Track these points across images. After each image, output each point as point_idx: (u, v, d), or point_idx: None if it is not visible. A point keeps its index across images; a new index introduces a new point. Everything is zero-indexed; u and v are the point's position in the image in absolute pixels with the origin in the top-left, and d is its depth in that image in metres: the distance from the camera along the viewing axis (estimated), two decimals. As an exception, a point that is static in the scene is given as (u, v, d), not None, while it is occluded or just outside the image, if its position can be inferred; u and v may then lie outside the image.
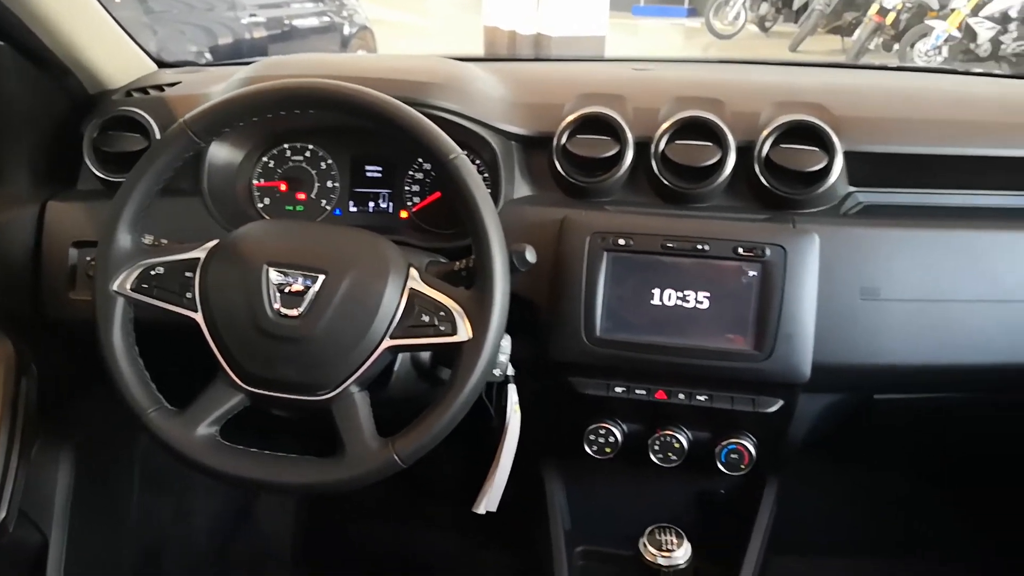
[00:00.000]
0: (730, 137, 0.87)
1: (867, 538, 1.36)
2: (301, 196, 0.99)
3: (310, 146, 0.98)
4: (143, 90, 1.02)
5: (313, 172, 0.99)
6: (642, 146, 0.88)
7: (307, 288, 0.71)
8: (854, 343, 0.84)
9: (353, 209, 0.99)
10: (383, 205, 0.99)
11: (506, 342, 0.77)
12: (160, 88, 1.01)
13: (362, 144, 0.97)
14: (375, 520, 1.45)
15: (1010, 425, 1.09)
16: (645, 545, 0.80)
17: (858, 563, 1.35)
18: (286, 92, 0.74)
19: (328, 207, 0.99)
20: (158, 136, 0.92)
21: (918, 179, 0.94)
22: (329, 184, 0.99)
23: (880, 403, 0.94)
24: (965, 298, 0.86)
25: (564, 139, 0.89)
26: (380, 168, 0.98)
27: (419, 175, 0.97)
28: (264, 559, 1.42)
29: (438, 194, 0.97)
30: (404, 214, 0.98)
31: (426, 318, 0.71)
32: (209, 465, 0.72)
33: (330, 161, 0.98)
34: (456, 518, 1.41)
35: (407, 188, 0.98)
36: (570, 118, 0.89)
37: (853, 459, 1.26)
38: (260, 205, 0.99)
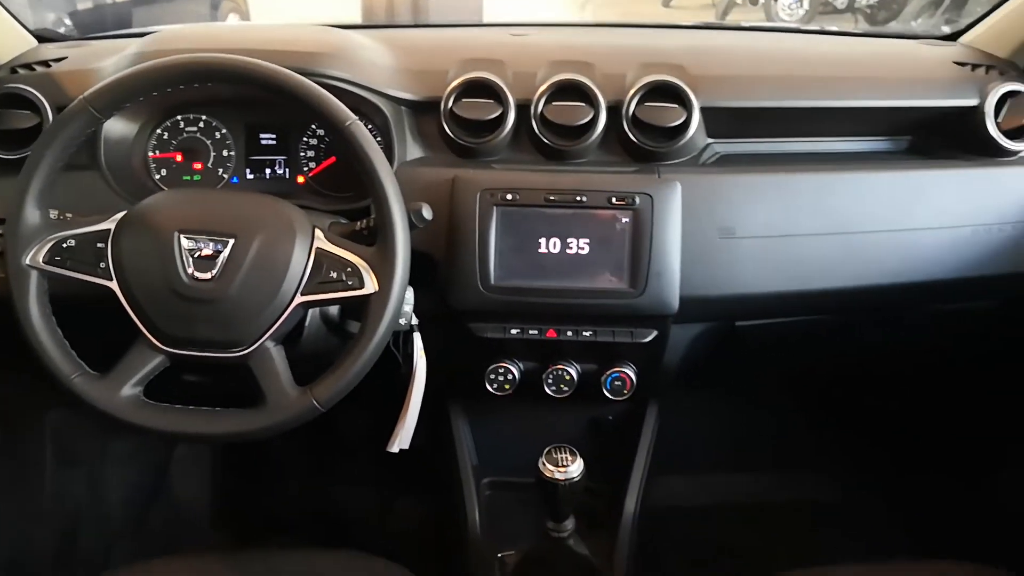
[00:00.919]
0: (600, 97, 0.95)
1: (739, 455, 1.52)
2: (197, 166, 1.02)
3: (204, 116, 1.01)
4: (28, 66, 1.01)
5: (208, 142, 1.02)
6: (523, 108, 0.96)
7: (218, 252, 0.76)
8: (715, 277, 0.95)
9: (250, 176, 1.03)
10: (280, 171, 1.03)
11: (409, 294, 0.84)
12: (46, 64, 1.01)
13: (255, 112, 1.01)
14: (291, 481, 1.50)
15: (856, 343, 1.25)
16: (543, 464, 0.89)
17: (731, 478, 1.51)
18: (191, 67, 0.78)
19: (225, 175, 1.02)
20: (50, 113, 0.92)
21: (767, 129, 1.06)
22: (225, 153, 1.02)
23: (742, 329, 1.07)
24: (810, 232, 0.98)
25: (451, 103, 0.95)
26: (274, 135, 1.02)
27: (313, 141, 1.02)
28: (182, 527, 1.45)
29: (333, 159, 1.02)
30: (301, 179, 1.03)
31: (334, 274, 0.77)
32: (136, 423, 0.77)
33: (224, 130, 1.02)
34: (370, 472, 1.49)
35: (302, 154, 1.02)
36: (455, 83, 0.96)
37: (725, 384, 1.41)
38: (157, 177, 1.01)
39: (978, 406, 1.32)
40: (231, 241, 0.76)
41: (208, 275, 0.76)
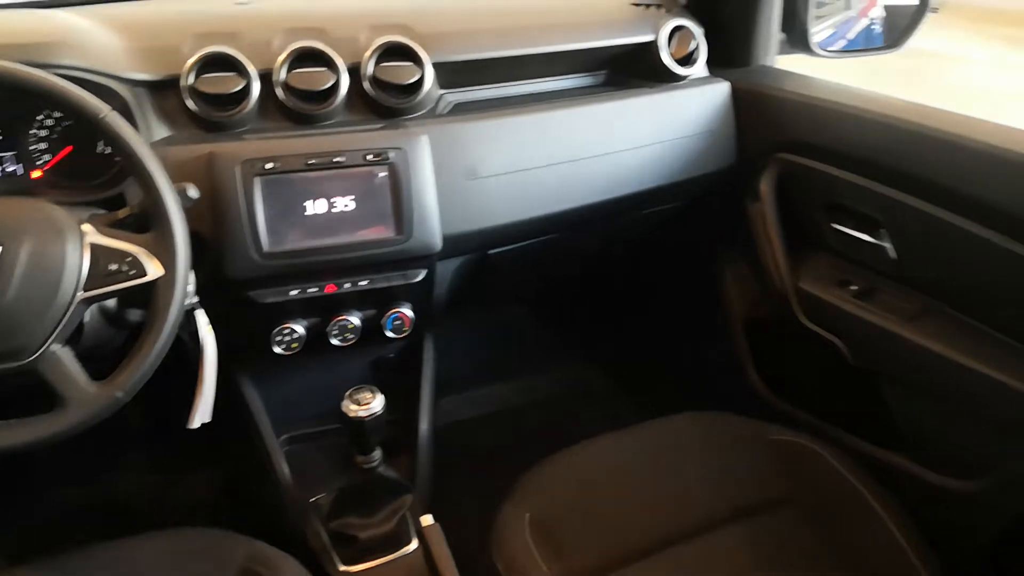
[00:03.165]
0: (339, 61, 1.01)
1: (506, 364, 1.71)
2: None
3: None
4: None
5: None
6: (265, 77, 0.99)
7: None
8: (467, 214, 1.07)
9: None
10: (10, 168, 0.96)
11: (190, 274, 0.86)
12: None
13: None
14: (68, 483, 1.43)
15: (583, 252, 1.46)
16: (347, 405, 0.98)
17: (505, 386, 1.71)
18: None
19: None
20: None
21: (491, 76, 1.18)
22: None
23: (494, 256, 1.21)
24: (538, 165, 1.12)
25: (191, 79, 0.96)
26: None
27: (43, 132, 0.97)
28: None
29: (70, 148, 0.98)
30: (37, 174, 0.97)
31: (113, 267, 0.77)
32: None
33: None
34: (157, 454, 1.46)
35: (33, 147, 0.97)
36: (192, 59, 0.96)
37: (486, 306, 1.57)
38: None
39: (680, 285, 1.60)
40: None
41: None
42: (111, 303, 0.88)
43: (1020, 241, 0.94)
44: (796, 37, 1.35)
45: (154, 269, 0.78)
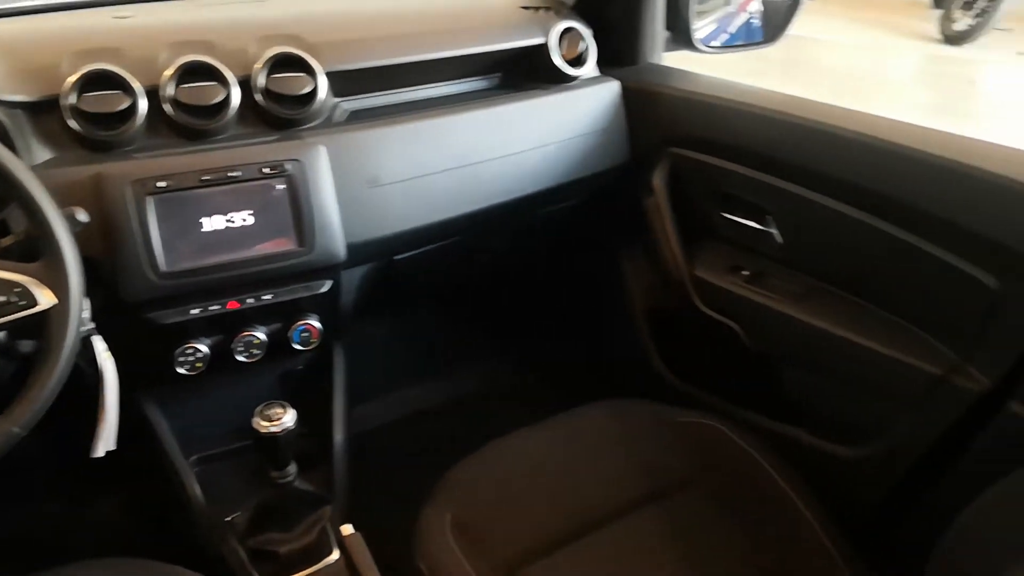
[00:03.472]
0: (228, 74, 1.00)
1: (419, 367, 1.72)
2: None
3: None
4: None
5: None
6: (152, 93, 0.97)
7: None
8: (371, 222, 1.08)
9: None
10: None
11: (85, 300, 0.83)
12: None
13: None
14: None
15: (486, 253, 1.48)
16: (258, 421, 0.97)
17: (419, 389, 1.71)
18: None
19: None
20: None
21: (386, 83, 1.19)
22: None
23: (399, 262, 1.22)
24: (438, 170, 1.13)
25: (72, 99, 0.92)
26: None
27: None
28: None
29: None
30: None
31: (2, 298, 0.74)
32: None
33: None
34: (63, 488, 1.40)
35: None
36: (72, 79, 0.92)
37: (394, 313, 1.57)
38: None
39: (584, 280, 1.65)
40: None
41: None
42: (1, 335, 0.84)
43: (888, 220, 1.02)
44: (680, 34, 1.41)
45: (45, 299, 0.75)
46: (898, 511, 1.09)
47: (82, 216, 0.81)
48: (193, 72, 0.98)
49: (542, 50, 1.27)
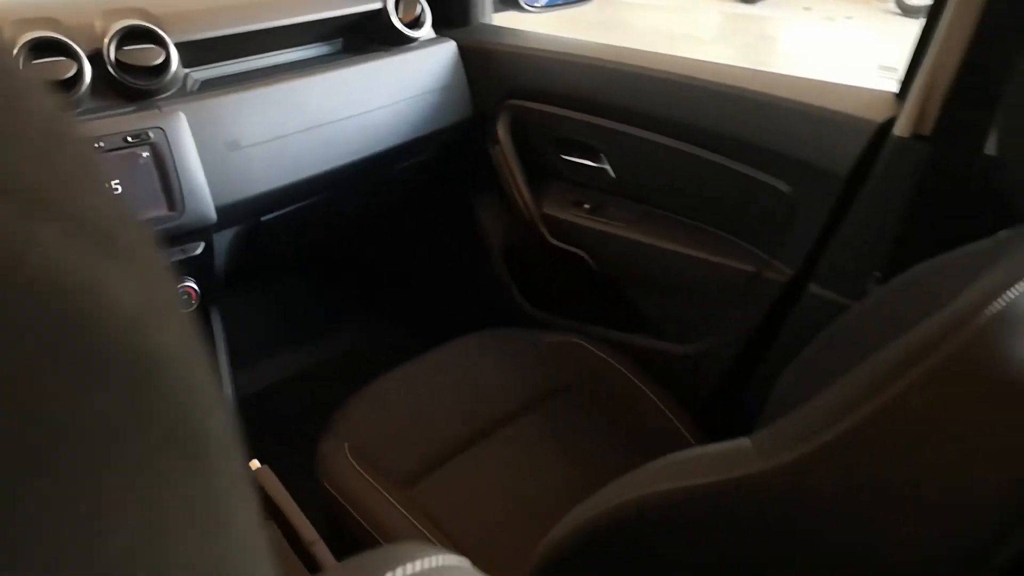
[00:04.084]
0: (78, 49, 1.01)
1: (299, 328, 1.75)
2: None
3: None
4: None
5: None
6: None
7: None
8: (236, 184, 1.12)
9: None
10: None
11: None
12: None
13: None
14: None
15: (347, 211, 1.54)
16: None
17: (300, 347, 1.75)
18: None
19: None
20: None
21: (235, 51, 1.22)
22: None
23: (267, 223, 1.26)
24: (294, 131, 1.18)
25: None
26: None
27: None
28: None
29: None
30: None
31: None
32: None
33: None
34: None
35: None
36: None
37: (265, 274, 1.60)
38: None
39: (445, 230, 1.74)
40: None
41: None
42: None
43: (700, 146, 1.19)
44: (507, -4, 1.52)
45: None
46: (733, 390, 1.28)
47: None
48: (41, 48, 0.98)
49: (381, 14, 1.34)
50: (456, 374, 1.20)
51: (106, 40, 1.03)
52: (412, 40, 1.37)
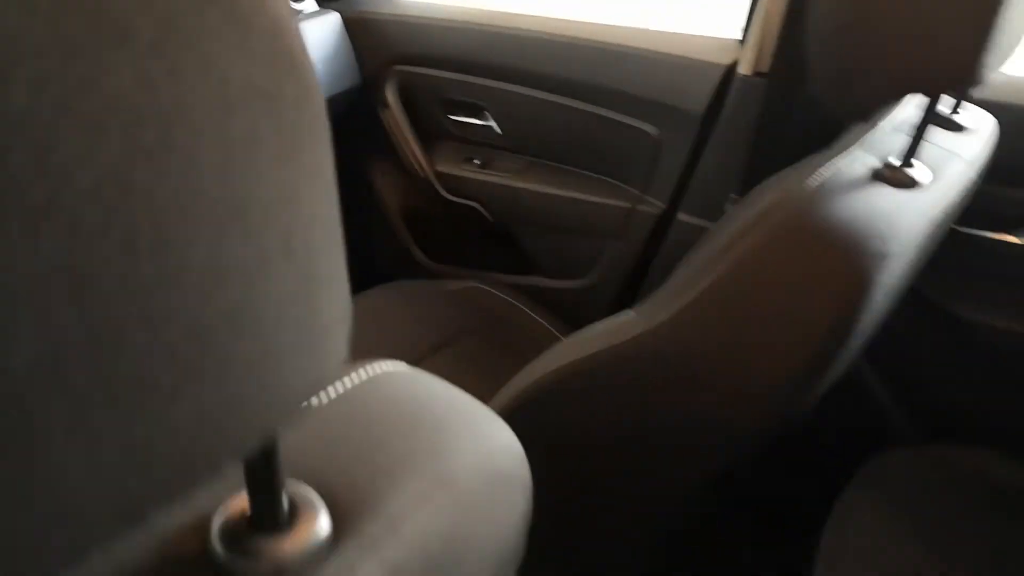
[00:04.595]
0: None
1: None
2: None
3: None
4: None
5: None
6: None
7: None
8: None
9: None
10: None
11: None
12: None
13: None
14: None
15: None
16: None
17: None
18: None
19: None
20: None
21: None
22: None
23: None
24: None
25: None
26: None
27: None
28: None
29: None
30: None
31: None
32: None
33: None
34: None
35: None
36: None
37: None
38: None
39: (344, 196, 1.81)
40: None
41: None
42: None
43: (576, 98, 1.32)
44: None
45: None
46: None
47: None
48: None
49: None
50: (366, 323, 1.29)
51: None
52: (295, 13, 1.43)
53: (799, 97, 1.11)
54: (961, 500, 1.01)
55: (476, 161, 1.49)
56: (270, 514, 0.29)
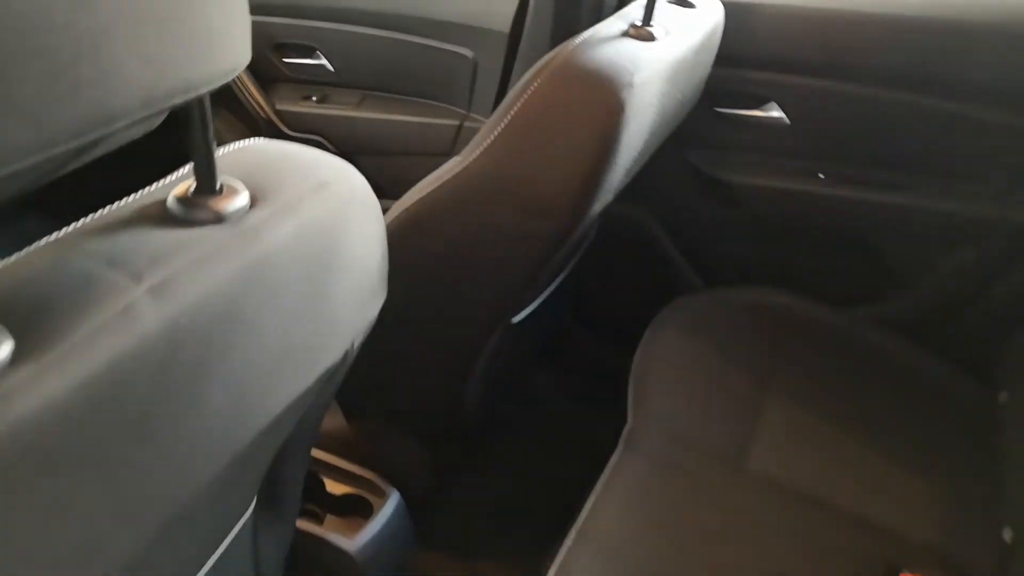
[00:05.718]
0: None
1: None
2: None
3: None
4: None
5: None
6: None
7: None
8: None
9: None
10: None
11: None
12: None
13: None
14: None
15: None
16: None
17: None
18: None
19: None
20: None
21: None
22: None
23: None
24: None
25: None
26: None
27: None
28: None
29: None
30: None
31: None
32: None
33: None
34: None
35: None
36: None
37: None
38: None
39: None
40: None
41: None
42: None
43: (398, 30, 1.48)
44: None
45: None
46: None
47: None
48: None
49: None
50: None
51: None
52: None
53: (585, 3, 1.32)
54: (749, 324, 1.26)
55: (314, 98, 1.62)
56: (208, 177, 0.45)
